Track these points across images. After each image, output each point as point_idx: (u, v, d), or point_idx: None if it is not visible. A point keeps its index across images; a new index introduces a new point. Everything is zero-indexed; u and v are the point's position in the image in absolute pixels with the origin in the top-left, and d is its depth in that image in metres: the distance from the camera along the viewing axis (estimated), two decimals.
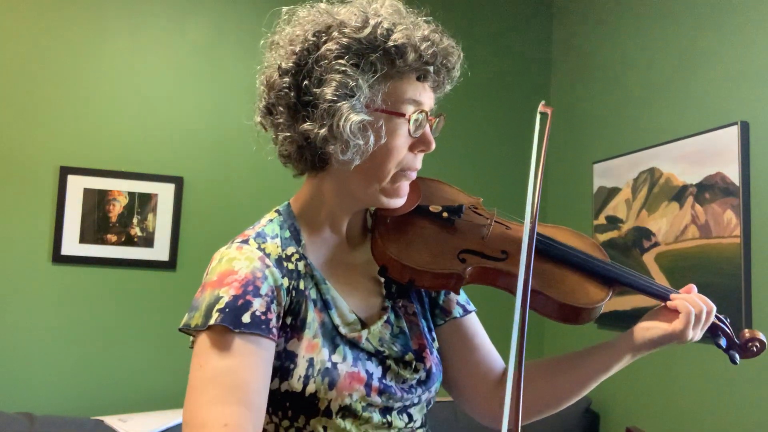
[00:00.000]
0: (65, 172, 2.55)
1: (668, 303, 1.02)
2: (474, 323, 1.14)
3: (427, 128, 0.97)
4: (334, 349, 0.93)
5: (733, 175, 2.08)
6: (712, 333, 1.06)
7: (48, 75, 2.58)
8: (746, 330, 1.07)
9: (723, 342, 1.06)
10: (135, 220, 2.62)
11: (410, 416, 0.98)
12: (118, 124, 2.64)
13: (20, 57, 2.56)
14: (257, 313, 0.87)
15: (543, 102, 1.00)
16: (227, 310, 0.86)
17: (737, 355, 1.06)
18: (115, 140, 2.63)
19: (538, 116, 0.96)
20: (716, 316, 1.06)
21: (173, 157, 2.69)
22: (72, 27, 2.63)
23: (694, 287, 1.05)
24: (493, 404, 1.09)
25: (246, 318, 0.86)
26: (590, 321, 1.02)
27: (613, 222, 2.65)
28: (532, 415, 1.09)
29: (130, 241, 2.61)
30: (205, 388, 0.82)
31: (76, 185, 2.56)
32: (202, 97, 2.75)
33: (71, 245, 2.54)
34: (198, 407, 0.81)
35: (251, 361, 0.85)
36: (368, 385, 0.93)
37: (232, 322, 0.85)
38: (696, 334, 1.00)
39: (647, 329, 1.01)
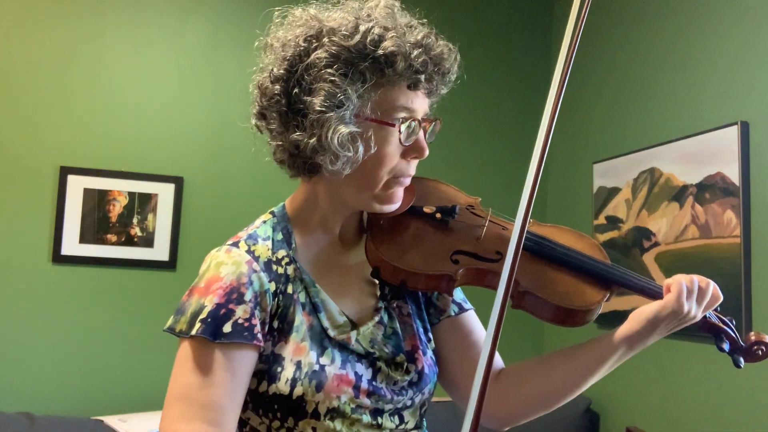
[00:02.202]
0: (65, 172, 2.55)
1: (665, 282, 0.99)
2: (470, 321, 1.13)
3: (421, 135, 0.96)
4: (322, 351, 0.93)
5: (733, 175, 2.08)
6: (715, 335, 1.02)
7: (48, 75, 2.58)
8: (752, 333, 1.03)
9: (726, 346, 1.01)
10: (135, 220, 2.62)
11: (402, 418, 0.98)
12: (118, 124, 2.64)
13: (20, 57, 2.56)
14: (239, 321, 0.88)
15: None
16: (209, 320, 0.87)
17: (741, 359, 1.02)
18: (115, 140, 2.63)
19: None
20: (719, 318, 1.03)
21: (173, 157, 2.69)
22: (72, 27, 2.63)
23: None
24: (490, 403, 1.07)
25: (227, 327, 0.87)
26: (587, 323, 1.00)
27: (613, 222, 2.65)
28: (529, 414, 1.08)
29: (130, 241, 2.61)
30: (176, 403, 0.86)
31: (76, 185, 2.56)
32: (202, 97, 2.75)
33: (71, 245, 2.54)
34: (167, 421, 0.85)
35: (223, 378, 0.86)
36: (356, 388, 0.93)
37: (212, 333, 0.86)
38: (692, 307, 0.96)
39: (641, 311, 0.98)
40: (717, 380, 2.12)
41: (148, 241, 2.63)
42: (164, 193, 2.65)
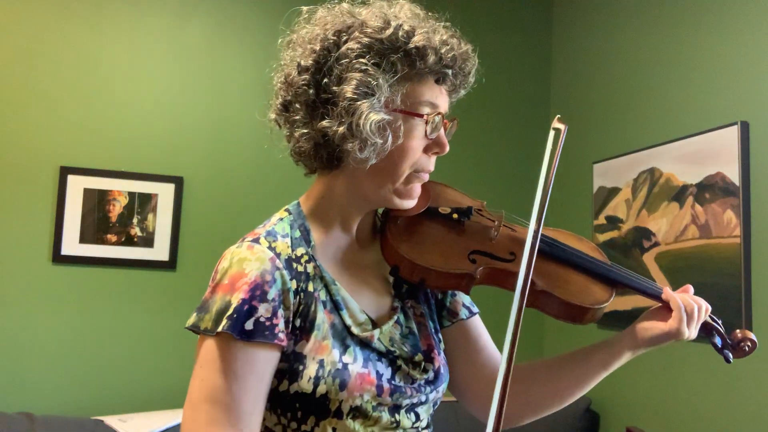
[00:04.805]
0: (65, 172, 2.55)
1: (662, 297, 1.06)
2: (478, 325, 1.15)
3: (442, 131, 0.98)
4: (344, 350, 0.93)
5: (733, 175, 2.08)
6: (708, 333, 1.10)
7: (48, 75, 2.58)
8: (738, 330, 1.11)
9: (718, 341, 1.10)
10: (135, 220, 2.62)
11: (417, 415, 0.99)
12: (118, 124, 2.64)
13: (20, 57, 2.56)
14: (261, 319, 0.88)
15: (558, 116, 1.03)
16: (235, 316, 0.87)
17: (731, 355, 1.10)
18: (115, 140, 2.63)
19: (552, 132, 0.99)
20: (711, 317, 1.10)
21: (173, 157, 2.69)
22: (72, 27, 2.62)
23: (690, 288, 1.08)
24: None
25: (249, 325, 0.87)
26: (594, 321, 1.04)
27: (613, 222, 2.65)
28: (533, 414, 1.11)
29: (130, 241, 2.61)
30: (201, 406, 0.86)
31: (76, 185, 2.56)
32: (203, 97, 2.75)
33: (71, 245, 2.54)
34: (196, 425, 0.85)
35: (251, 381, 0.87)
36: (379, 386, 0.93)
37: (237, 330, 0.86)
38: (692, 332, 1.04)
39: (646, 329, 1.04)
40: (717, 380, 2.12)
41: (148, 241, 2.63)
42: (164, 193, 2.65)
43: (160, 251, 2.64)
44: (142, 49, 2.70)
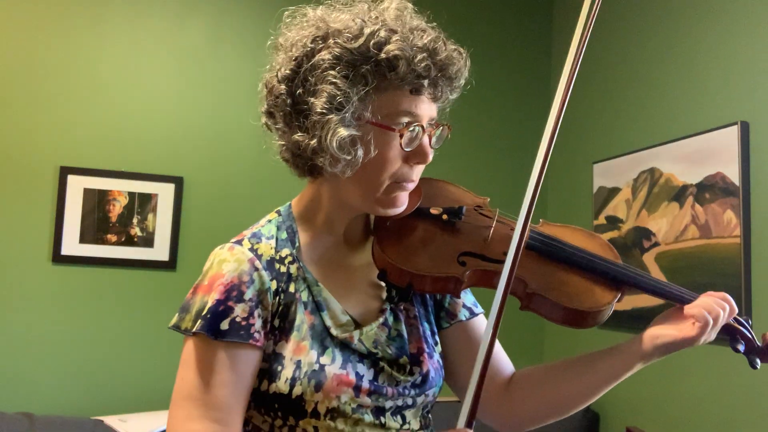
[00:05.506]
0: (65, 172, 2.55)
1: (686, 311, 0.96)
2: (481, 326, 1.11)
3: (425, 140, 0.94)
4: (323, 350, 0.92)
5: (733, 175, 2.08)
6: (731, 336, 0.99)
7: (48, 75, 2.58)
8: None
9: (741, 347, 0.98)
10: (135, 220, 2.62)
11: (404, 418, 0.97)
12: (118, 124, 2.64)
13: (20, 57, 2.56)
14: (237, 320, 0.88)
15: None
16: (208, 316, 0.88)
17: (758, 360, 0.99)
18: (115, 140, 2.63)
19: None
20: (735, 319, 1.00)
21: (173, 157, 2.69)
22: (72, 27, 2.62)
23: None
24: (502, 407, 1.08)
25: (224, 325, 0.88)
26: (597, 324, 0.98)
27: (613, 222, 2.65)
28: (541, 419, 1.08)
29: (130, 241, 2.61)
30: (183, 404, 0.88)
31: (76, 185, 2.56)
32: (202, 97, 2.75)
33: (71, 245, 2.54)
34: (176, 422, 0.88)
35: (227, 377, 0.88)
36: (357, 388, 0.92)
37: (210, 330, 0.87)
38: (709, 337, 0.96)
39: (657, 337, 0.97)
40: (717, 380, 2.12)
41: (148, 241, 2.63)
42: (164, 193, 2.65)
43: (160, 251, 2.64)
44: (142, 50, 2.70)
